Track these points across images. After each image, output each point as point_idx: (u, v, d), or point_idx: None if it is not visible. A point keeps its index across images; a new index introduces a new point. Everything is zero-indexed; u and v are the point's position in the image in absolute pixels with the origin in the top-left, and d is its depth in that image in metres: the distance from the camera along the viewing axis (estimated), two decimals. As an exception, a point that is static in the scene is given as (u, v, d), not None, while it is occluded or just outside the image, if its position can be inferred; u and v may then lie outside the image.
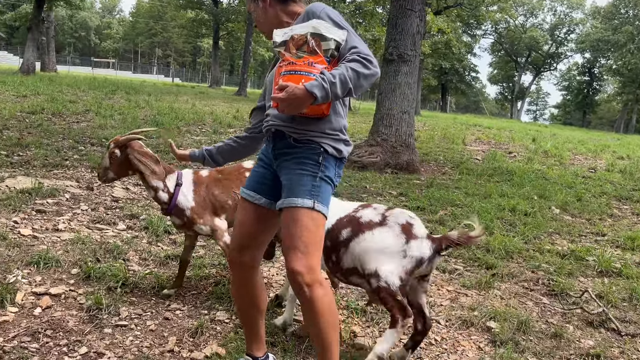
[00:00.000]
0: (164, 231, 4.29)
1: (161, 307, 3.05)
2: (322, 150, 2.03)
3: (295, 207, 1.99)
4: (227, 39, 47.36)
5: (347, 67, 1.89)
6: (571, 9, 58.80)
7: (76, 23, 72.39)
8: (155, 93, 18.69)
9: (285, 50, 1.99)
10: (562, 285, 3.85)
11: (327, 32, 1.96)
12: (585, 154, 13.20)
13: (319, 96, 1.83)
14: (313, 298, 1.97)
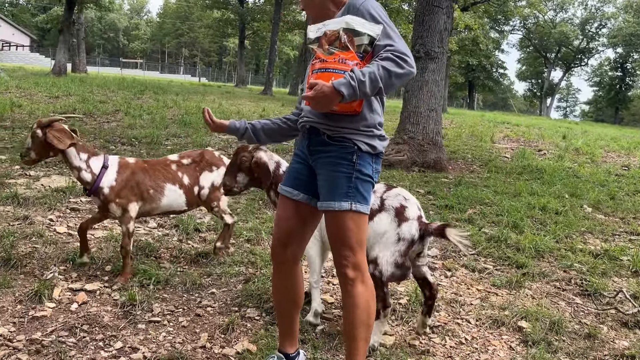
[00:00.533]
0: (194, 229, 4.35)
1: (192, 303, 3.10)
2: (355, 149, 2.03)
3: (334, 210, 2.04)
4: (252, 39, 47.68)
5: (379, 66, 1.87)
6: (602, 3, 57.34)
7: (105, 24, 73.82)
8: (182, 93, 18.94)
9: (318, 46, 1.99)
10: (596, 285, 3.78)
11: (361, 27, 1.94)
12: (618, 151, 12.89)
13: (346, 94, 1.83)
14: (354, 293, 2.06)
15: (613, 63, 58.61)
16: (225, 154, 3.67)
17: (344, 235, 2.05)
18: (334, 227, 2.07)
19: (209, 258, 3.78)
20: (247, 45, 51.73)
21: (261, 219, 4.83)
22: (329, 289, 3.48)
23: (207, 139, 8.93)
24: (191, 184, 3.55)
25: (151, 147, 7.67)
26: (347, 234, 2.04)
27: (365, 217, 2.08)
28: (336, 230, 2.06)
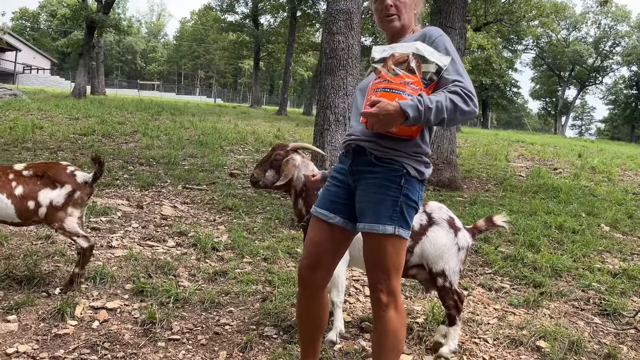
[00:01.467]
0: (211, 248, 4.40)
1: (211, 322, 3.13)
2: (404, 172, 2.00)
3: (377, 233, 2.01)
4: (267, 60, 48.31)
5: (447, 97, 1.87)
6: (616, 22, 57.24)
7: (123, 47, 75.30)
8: (198, 114, 19.21)
9: (383, 66, 1.98)
10: (615, 304, 3.75)
11: (430, 55, 1.94)
12: (635, 169, 12.76)
13: (411, 116, 1.80)
14: (386, 318, 2.04)
15: (628, 81, 58.20)
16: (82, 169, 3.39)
17: (382, 259, 2.02)
18: (373, 250, 2.04)
19: (226, 276, 3.82)
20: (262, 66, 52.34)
21: (277, 238, 4.87)
22: (345, 308, 3.50)
23: (223, 159, 9.04)
24: (24, 196, 3.26)
25: (169, 167, 7.79)
26: (385, 258, 2.02)
27: (405, 242, 2.07)
28: (375, 253, 2.04)
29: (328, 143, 5.44)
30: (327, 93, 5.44)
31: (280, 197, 6.68)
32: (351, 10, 5.38)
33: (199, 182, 7.03)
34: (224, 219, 5.44)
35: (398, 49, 1.99)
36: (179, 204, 5.88)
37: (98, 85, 29.93)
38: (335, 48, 5.40)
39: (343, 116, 5.46)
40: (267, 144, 11.89)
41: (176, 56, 78.44)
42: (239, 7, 38.59)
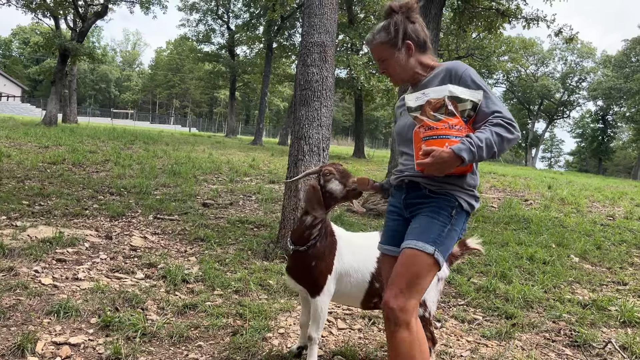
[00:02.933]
0: (182, 280, 4.31)
1: (179, 357, 3.04)
2: (457, 204, 2.13)
3: (416, 249, 2.07)
4: (243, 90, 48.56)
5: (493, 132, 1.97)
6: (582, 58, 59.51)
7: (97, 76, 74.88)
8: (172, 143, 19.08)
9: (422, 114, 2.06)
10: (585, 335, 3.77)
11: (463, 94, 2.05)
12: (603, 201, 13.07)
13: (467, 159, 1.91)
14: (397, 338, 2.06)
15: (594, 115, 60.19)
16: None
17: (410, 276, 2.06)
18: (405, 265, 2.08)
19: (196, 309, 3.73)
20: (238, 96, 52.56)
21: (250, 269, 4.80)
22: (318, 341, 3.44)
23: (196, 189, 8.96)
24: None
25: (140, 197, 7.67)
26: (414, 276, 2.06)
27: (437, 269, 2.12)
28: (406, 268, 2.08)
29: (302, 173, 5.43)
30: (302, 124, 5.47)
31: (254, 228, 6.62)
32: (325, 43, 5.46)
33: (171, 212, 6.93)
34: (195, 250, 5.35)
35: (431, 94, 2.08)
36: (150, 235, 5.77)
37: (70, 113, 29.60)
38: (310, 80, 5.45)
39: (317, 147, 5.47)
40: (242, 174, 11.85)
41: (151, 85, 78.31)
42: (215, 37, 39.07)
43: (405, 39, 2.24)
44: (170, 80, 73.82)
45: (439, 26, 9.33)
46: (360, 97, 26.45)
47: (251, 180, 11.22)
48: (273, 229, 6.35)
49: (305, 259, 2.79)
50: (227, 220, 6.85)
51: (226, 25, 37.64)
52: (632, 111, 48.74)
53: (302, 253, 2.78)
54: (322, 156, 5.52)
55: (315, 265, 2.78)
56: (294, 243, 2.81)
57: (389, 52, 2.25)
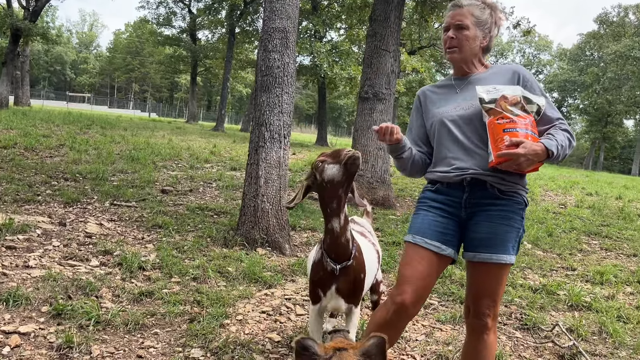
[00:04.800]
0: (138, 267, 4.23)
1: (134, 345, 3.00)
2: (524, 205, 2.16)
3: (502, 264, 2.10)
4: (205, 75, 47.79)
5: (565, 136, 2.07)
6: (539, 51, 61.08)
7: (52, 57, 72.19)
8: (131, 128, 18.63)
9: (497, 106, 2.04)
10: (535, 319, 3.91)
11: (532, 97, 2.09)
12: (556, 190, 13.52)
13: (555, 154, 1.97)
14: (487, 342, 2.16)
15: (550, 107, 61.89)
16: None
17: (495, 286, 2.13)
18: (489, 279, 2.13)
19: (153, 297, 3.69)
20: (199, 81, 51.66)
21: (209, 257, 4.77)
22: (276, 327, 3.46)
23: (155, 175, 8.79)
24: None
25: (96, 183, 7.48)
26: (499, 286, 2.13)
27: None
28: (491, 281, 2.13)
29: (263, 160, 5.39)
30: (263, 110, 5.42)
31: (214, 215, 6.56)
32: (287, 29, 5.42)
33: (128, 199, 6.78)
34: (153, 237, 5.27)
35: (505, 90, 2.08)
36: (106, 222, 5.63)
37: (22, 95, 28.46)
38: (271, 66, 5.40)
39: (278, 133, 5.44)
40: (202, 160, 11.69)
41: (109, 68, 76.04)
42: (176, 21, 38.10)
43: (487, 30, 2.26)
44: (130, 63, 71.84)
45: (401, 15, 9.39)
46: (323, 84, 26.40)
47: (212, 167, 11.09)
48: (233, 216, 6.31)
49: (355, 272, 2.43)
50: (186, 207, 6.76)
51: (187, 8, 36.78)
52: (586, 103, 50.46)
53: (349, 268, 2.39)
54: (283, 143, 5.50)
55: (363, 277, 2.48)
56: (337, 261, 2.37)
57: (472, 25, 2.21)
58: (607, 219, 9.18)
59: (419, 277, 2.12)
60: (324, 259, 2.40)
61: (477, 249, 2.14)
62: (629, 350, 3.53)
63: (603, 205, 10.74)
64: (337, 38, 27.44)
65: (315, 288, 2.49)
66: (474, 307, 2.18)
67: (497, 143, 1.99)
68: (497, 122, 2.02)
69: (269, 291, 4.11)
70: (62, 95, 57.22)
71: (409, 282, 2.12)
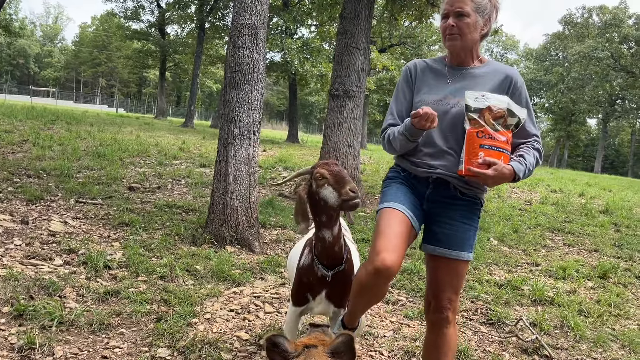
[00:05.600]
0: (104, 266, 4.16)
1: (99, 345, 2.95)
2: (481, 205, 2.25)
3: (462, 260, 2.19)
4: (174, 71, 47.03)
5: (534, 155, 2.13)
6: (506, 50, 62.22)
7: (14, 50, 70.00)
8: (97, 123, 18.25)
9: (480, 117, 2.03)
10: (499, 314, 4.00)
11: (516, 110, 2.08)
12: (522, 187, 13.81)
13: (520, 179, 2.04)
14: (448, 335, 2.23)
15: (517, 105, 63.19)
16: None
17: (457, 281, 2.22)
18: (451, 274, 2.21)
19: (119, 296, 3.62)
20: (168, 77, 50.92)
21: (176, 255, 4.71)
22: (244, 325, 3.44)
23: (122, 172, 8.63)
24: None
25: (61, 180, 7.30)
26: (459, 281, 2.24)
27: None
28: (451, 276, 2.21)
29: (232, 157, 5.35)
30: (232, 107, 5.38)
31: (182, 212, 6.48)
32: (257, 25, 5.38)
33: (94, 196, 6.64)
34: (119, 235, 5.17)
35: (492, 100, 2.05)
36: (70, 219, 5.51)
37: (-16, 89, 27.54)
38: (240, 62, 5.36)
39: (248, 130, 5.41)
40: (171, 157, 11.53)
41: (75, 62, 74.19)
42: (145, 15, 37.36)
43: (487, 16, 2.21)
44: (96, 57, 70.22)
45: (371, 13, 9.43)
46: (294, 81, 26.33)
47: (181, 163, 10.95)
48: (202, 214, 6.25)
49: (347, 277, 2.39)
50: (154, 204, 6.66)
51: (156, 2, 36.12)
52: (551, 102, 51.71)
53: (341, 273, 2.36)
54: (252, 140, 5.47)
55: (353, 279, 2.39)
56: (329, 267, 2.33)
57: (472, 12, 2.15)
58: (570, 216, 9.43)
59: (398, 236, 2.07)
60: (315, 265, 2.35)
61: (438, 243, 2.21)
62: (590, 344, 3.64)
63: (566, 202, 11.02)
64: (308, 35, 27.45)
65: (303, 291, 2.45)
66: (434, 301, 2.24)
67: (470, 156, 2.01)
68: (476, 136, 2.02)
69: (238, 289, 4.09)
70: (26, 89, 55.63)
71: (387, 241, 2.05)
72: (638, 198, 13.96)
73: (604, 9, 45.06)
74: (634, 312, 4.41)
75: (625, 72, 38.61)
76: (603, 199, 12.38)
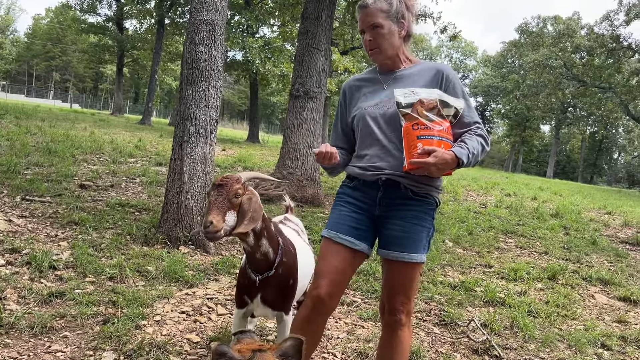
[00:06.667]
0: (49, 266, 3.98)
1: (40, 349, 2.81)
2: (434, 206, 2.21)
3: (414, 262, 2.13)
4: (132, 67, 46.00)
5: (478, 141, 2.09)
6: (465, 56, 63.63)
7: (-38, 41, 66.95)
8: (50, 119, 17.62)
9: (413, 111, 2.02)
10: (452, 315, 4.05)
11: (450, 100, 2.07)
12: (477, 190, 14.12)
13: (465, 163, 1.99)
14: (402, 337, 2.19)
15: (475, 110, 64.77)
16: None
17: (409, 284, 2.17)
18: (402, 277, 2.17)
19: (64, 298, 3.48)
20: (126, 72, 49.69)
21: (127, 255, 4.57)
22: (195, 328, 3.36)
23: (74, 169, 8.34)
24: None
25: (7, 176, 6.99)
26: (412, 283, 2.17)
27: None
28: (404, 279, 2.16)
29: (188, 155, 5.24)
30: (188, 104, 5.27)
31: (136, 211, 6.31)
32: (215, 22, 5.29)
33: (43, 194, 6.38)
34: (67, 235, 4.98)
35: (422, 94, 2.05)
36: (15, 218, 5.27)
37: None
38: (198, 59, 5.26)
39: (204, 129, 5.31)
40: (126, 155, 11.24)
41: (27, 55, 71.44)
42: (102, 8, 36.35)
43: (401, 19, 2.23)
44: (50, 51, 67.86)
45: (333, 14, 9.44)
46: (255, 80, 26.13)
47: (136, 161, 10.68)
48: (156, 213, 6.09)
49: (281, 281, 2.41)
50: (106, 203, 6.45)
51: (114, -5, 35.25)
52: (507, 108, 53.16)
53: (272, 278, 2.38)
54: (209, 138, 5.38)
55: (292, 283, 2.48)
56: (257, 272, 2.37)
57: (384, 21, 2.19)
58: (522, 219, 9.69)
59: (333, 271, 2.15)
60: (247, 268, 2.41)
61: (390, 247, 2.18)
62: (538, 344, 3.73)
63: (520, 206, 11.32)
64: (270, 34, 27.27)
65: (241, 294, 2.50)
66: (388, 304, 2.22)
67: (410, 150, 2.02)
68: (412, 129, 2.03)
69: (190, 291, 4.00)
70: (-26, 81, 53.23)
71: (323, 276, 2.15)
72: (586, 202, 14.50)
73: (558, 19, 46.68)
74: (580, 313, 4.55)
75: (577, 81, 40.06)
76: (554, 203, 12.80)
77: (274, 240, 2.37)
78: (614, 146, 61.89)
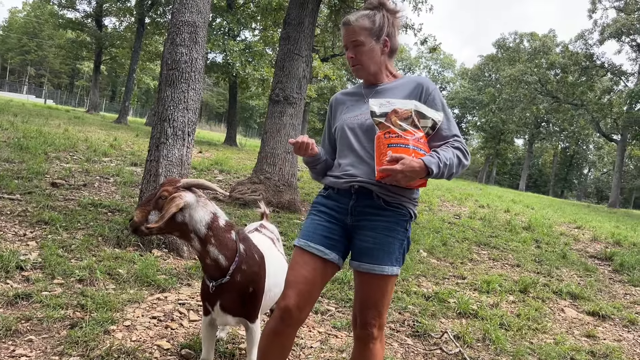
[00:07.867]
0: (15, 267, 3.87)
1: (3, 353, 2.72)
2: (408, 217, 2.15)
3: (386, 275, 2.08)
4: (109, 64, 45.30)
5: (454, 154, 2.05)
6: (443, 68, 64.45)
7: None
8: (22, 114, 17.23)
9: (387, 121, 2.00)
10: (425, 326, 4.05)
11: (427, 112, 2.05)
12: (452, 201, 14.26)
13: (434, 173, 1.94)
14: (374, 351, 2.14)
15: (452, 122, 65.61)
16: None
17: (380, 297, 2.11)
18: (374, 289, 2.11)
19: (30, 300, 3.37)
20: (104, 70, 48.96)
21: (98, 257, 4.47)
22: (166, 334, 3.29)
23: (45, 167, 8.15)
24: None
25: (-25, 172, 6.79)
26: (383, 296, 2.12)
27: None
28: (375, 292, 2.11)
29: (164, 157, 5.17)
30: (166, 105, 5.20)
31: (108, 212, 6.18)
32: (196, 23, 5.24)
33: (12, 191, 6.22)
34: (36, 234, 4.85)
35: (397, 104, 2.04)
36: (-18, 215, 5.11)
37: None
38: (178, 60, 5.19)
39: (182, 130, 5.24)
40: (101, 153, 11.04)
41: (1, 48, 69.88)
42: (81, 4, 35.85)
43: (384, 36, 2.24)
44: (26, 45, 66.45)
45: (315, 21, 9.46)
46: (235, 83, 25.99)
47: (111, 161, 10.50)
48: (129, 214, 5.98)
49: (239, 288, 2.40)
50: (78, 202, 6.31)
51: (94, -8, 34.71)
52: (482, 121, 53.93)
53: (227, 285, 2.37)
54: (186, 140, 5.31)
55: (253, 291, 2.45)
56: (211, 278, 2.38)
57: (366, 39, 2.21)
58: (495, 231, 9.81)
59: (302, 281, 2.11)
60: (204, 276, 2.44)
61: (361, 258, 2.14)
62: (509, 357, 3.75)
63: (493, 217, 11.47)
64: (251, 38, 27.17)
65: (203, 300, 2.52)
66: (360, 317, 2.17)
67: (380, 158, 2.01)
68: (384, 137, 2.03)
69: (162, 295, 3.92)
70: (-56, 72, 51.78)
71: (291, 286, 2.11)
72: (557, 216, 14.77)
73: (534, 35, 47.69)
74: (551, 327, 4.61)
75: (551, 97, 40.89)
76: (526, 216, 13.00)
77: (226, 246, 2.35)
78: (584, 162, 63.40)
